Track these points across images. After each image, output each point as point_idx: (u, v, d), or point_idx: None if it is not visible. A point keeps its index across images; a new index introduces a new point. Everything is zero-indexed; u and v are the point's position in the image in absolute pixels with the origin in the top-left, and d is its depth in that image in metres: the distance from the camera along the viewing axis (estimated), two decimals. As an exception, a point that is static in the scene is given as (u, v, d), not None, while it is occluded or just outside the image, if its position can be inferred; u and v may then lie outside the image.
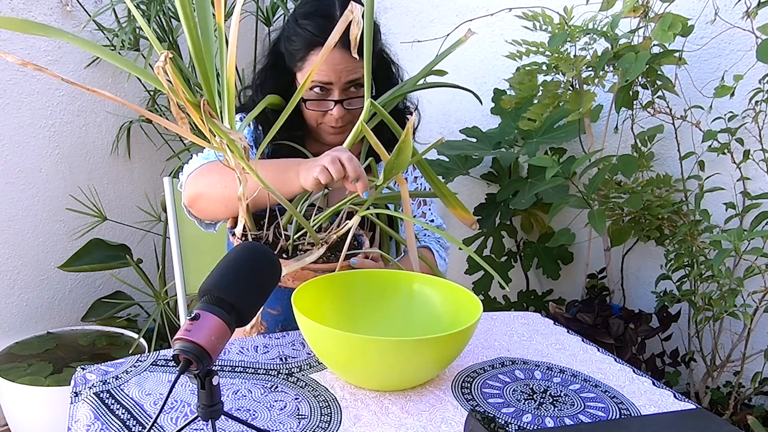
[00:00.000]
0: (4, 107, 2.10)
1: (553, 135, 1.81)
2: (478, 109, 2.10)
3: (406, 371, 0.90)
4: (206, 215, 1.24)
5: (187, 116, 0.90)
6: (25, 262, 2.24)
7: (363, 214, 1.05)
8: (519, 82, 1.67)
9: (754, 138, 1.50)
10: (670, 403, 0.93)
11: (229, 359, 0.98)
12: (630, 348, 1.59)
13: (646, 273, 1.82)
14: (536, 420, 0.87)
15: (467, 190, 2.17)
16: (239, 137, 0.93)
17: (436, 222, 1.47)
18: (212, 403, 0.69)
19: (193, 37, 0.90)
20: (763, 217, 1.44)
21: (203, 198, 1.20)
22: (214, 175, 1.17)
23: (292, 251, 1.08)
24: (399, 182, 1.06)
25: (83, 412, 0.83)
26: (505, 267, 2.01)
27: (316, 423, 0.83)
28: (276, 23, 2.41)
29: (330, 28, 0.99)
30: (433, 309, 1.04)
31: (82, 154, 2.32)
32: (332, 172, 1.00)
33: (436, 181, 1.08)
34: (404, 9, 2.30)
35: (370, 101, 1.04)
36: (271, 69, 1.32)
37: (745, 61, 1.53)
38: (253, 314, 0.76)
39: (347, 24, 0.96)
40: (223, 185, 1.14)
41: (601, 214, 1.55)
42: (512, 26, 1.79)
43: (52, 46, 2.16)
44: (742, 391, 1.58)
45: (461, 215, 1.09)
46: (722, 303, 1.45)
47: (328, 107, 1.26)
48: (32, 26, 0.87)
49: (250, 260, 0.76)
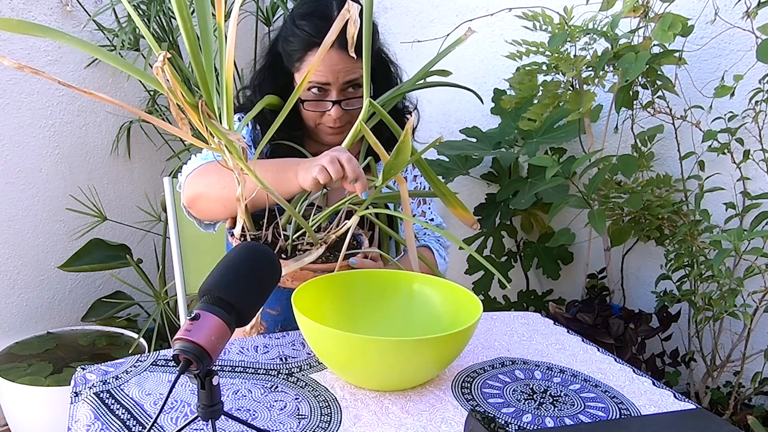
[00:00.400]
0: (4, 107, 2.10)
1: (553, 135, 1.81)
2: (478, 109, 2.10)
3: (406, 371, 0.90)
4: (205, 216, 1.24)
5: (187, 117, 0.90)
6: (25, 262, 2.24)
7: (362, 213, 1.05)
8: (519, 82, 1.68)
9: (754, 138, 1.50)
10: (670, 403, 0.92)
11: (229, 359, 0.98)
12: (630, 348, 1.59)
13: (646, 273, 1.82)
14: (536, 420, 0.87)
15: (467, 190, 2.17)
16: (237, 138, 0.93)
17: (435, 221, 1.47)
18: (212, 403, 0.69)
19: (190, 39, 0.89)
20: (763, 217, 1.44)
21: (202, 198, 1.20)
22: (213, 175, 1.17)
23: (291, 251, 1.08)
24: (398, 182, 1.06)
25: (83, 412, 0.83)
26: (505, 267, 2.01)
27: (316, 423, 0.83)
28: (276, 23, 2.41)
29: (327, 28, 0.99)
30: (433, 309, 1.04)
31: (82, 154, 2.32)
32: (331, 173, 0.99)
33: (435, 180, 1.08)
34: (404, 9, 2.30)
35: (369, 101, 1.04)
36: (269, 69, 1.32)
37: (745, 61, 1.53)
38: (253, 314, 0.76)
39: (344, 24, 0.96)
40: (222, 186, 1.14)
41: (601, 214, 1.55)
42: (512, 26, 1.79)
43: (52, 45, 2.16)
44: (742, 391, 1.58)
45: (461, 215, 1.09)
46: (722, 303, 1.45)
47: (326, 108, 1.26)
48: (30, 27, 0.87)
49: (250, 260, 0.76)
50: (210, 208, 1.20)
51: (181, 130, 0.90)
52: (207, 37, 0.92)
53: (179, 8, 0.87)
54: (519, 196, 1.80)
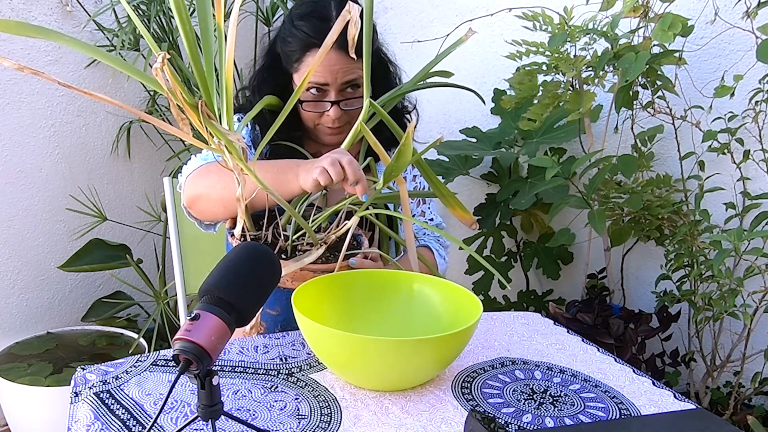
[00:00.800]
0: (4, 107, 2.10)
1: (553, 135, 1.81)
2: (478, 109, 2.10)
3: (406, 371, 0.90)
4: (205, 216, 1.24)
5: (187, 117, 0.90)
6: (25, 262, 2.24)
7: (362, 214, 1.05)
8: (519, 82, 1.68)
9: (754, 138, 1.50)
10: (670, 403, 0.92)
11: (229, 359, 0.98)
12: (630, 348, 1.59)
13: (646, 273, 1.82)
14: (536, 420, 0.87)
15: (467, 190, 2.17)
16: (237, 138, 0.93)
17: (435, 221, 1.47)
18: (212, 403, 0.69)
19: (189, 40, 0.89)
20: (763, 217, 1.44)
21: (202, 199, 1.20)
22: (213, 176, 1.17)
23: (291, 252, 1.08)
24: (398, 182, 1.06)
25: (83, 412, 0.83)
26: (505, 267, 2.01)
27: (316, 423, 0.83)
28: (276, 23, 2.41)
29: (325, 29, 0.99)
30: (433, 309, 1.04)
31: (82, 154, 2.32)
32: (332, 175, 0.99)
33: (435, 180, 1.08)
34: (404, 9, 2.30)
35: (369, 101, 1.04)
36: (268, 70, 1.32)
37: (745, 61, 1.53)
38: (253, 314, 0.76)
39: (344, 25, 0.96)
40: (222, 186, 1.14)
41: (601, 214, 1.55)
42: (512, 26, 1.79)
43: (52, 46, 2.16)
44: (742, 391, 1.58)
45: (461, 215, 1.09)
46: (722, 303, 1.45)
47: (325, 108, 1.26)
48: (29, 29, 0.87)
49: (250, 260, 0.76)
50: (210, 208, 1.20)
51: (181, 131, 0.90)
52: (207, 37, 0.92)
53: (178, 9, 0.87)
54: (519, 196, 1.80)
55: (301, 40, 1.23)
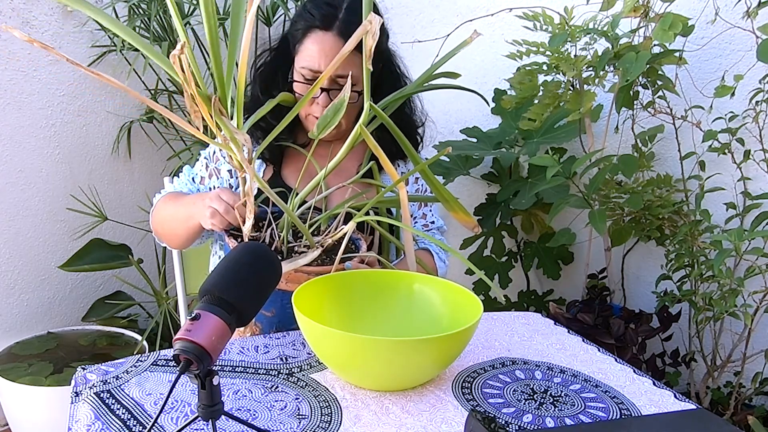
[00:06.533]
0: (4, 107, 2.10)
1: (553, 135, 1.81)
2: (479, 109, 2.09)
3: (406, 371, 0.90)
4: (174, 247, 1.39)
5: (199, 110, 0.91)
6: (26, 262, 2.24)
7: (359, 219, 1.05)
8: (519, 82, 1.67)
9: (754, 138, 1.50)
10: (671, 404, 0.92)
11: (230, 359, 0.98)
12: (630, 348, 1.59)
13: (646, 273, 1.82)
14: (537, 420, 0.87)
15: (468, 190, 2.17)
16: (245, 139, 0.94)
17: (437, 223, 1.47)
18: (212, 403, 0.69)
19: (212, 37, 0.91)
20: (763, 217, 1.43)
21: (164, 237, 1.35)
22: (170, 207, 1.29)
23: (287, 253, 1.08)
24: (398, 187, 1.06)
25: (84, 412, 0.83)
26: (505, 267, 2.01)
27: (316, 423, 0.83)
28: (276, 23, 2.41)
29: (331, 14, 1.01)
30: (433, 309, 1.04)
31: (83, 154, 2.32)
32: (219, 209, 1.08)
33: (437, 185, 1.08)
34: (404, 9, 2.30)
35: (370, 104, 1.04)
36: (275, 51, 1.34)
37: (745, 61, 1.53)
38: (254, 314, 0.76)
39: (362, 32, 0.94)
40: (173, 220, 1.28)
41: (602, 214, 1.55)
42: (512, 26, 1.79)
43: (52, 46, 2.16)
44: (742, 392, 1.58)
45: (462, 219, 1.09)
46: (723, 303, 1.45)
47: (315, 94, 1.25)
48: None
49: (250, 260, 0.76)
50: (173, 242, 1.35)
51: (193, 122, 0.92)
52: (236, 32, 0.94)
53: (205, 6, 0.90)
54: (519, 196, 1.80)
55: (305, 20, 1.25)
